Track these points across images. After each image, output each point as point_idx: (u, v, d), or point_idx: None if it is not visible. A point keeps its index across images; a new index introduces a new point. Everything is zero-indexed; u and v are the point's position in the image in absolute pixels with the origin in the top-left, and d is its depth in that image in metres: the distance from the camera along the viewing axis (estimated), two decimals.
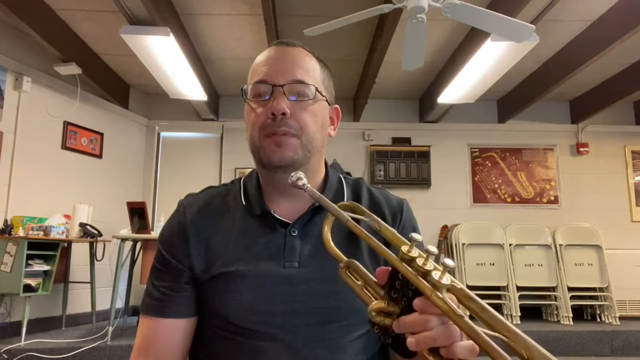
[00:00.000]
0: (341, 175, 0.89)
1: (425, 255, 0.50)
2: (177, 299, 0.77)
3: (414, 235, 0.52)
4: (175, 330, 0.76)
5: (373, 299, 0.55)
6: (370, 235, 0.58)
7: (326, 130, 0.82)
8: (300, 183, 0.65)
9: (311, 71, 0.79)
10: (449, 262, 0.48)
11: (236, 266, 0.74)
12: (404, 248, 0.52)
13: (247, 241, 0.76)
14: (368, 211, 0.61)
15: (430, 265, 0.50)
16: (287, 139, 0.75)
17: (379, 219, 0.59)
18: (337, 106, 0.87)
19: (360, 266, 0.58)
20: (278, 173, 0.77)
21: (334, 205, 0.61)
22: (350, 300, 0.72)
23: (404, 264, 0.51)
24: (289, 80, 0.76)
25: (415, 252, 0.51)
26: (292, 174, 0.66)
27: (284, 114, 0.73)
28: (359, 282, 0.58)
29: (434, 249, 0.50)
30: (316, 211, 0.79)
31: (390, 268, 0.54)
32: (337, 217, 0.60)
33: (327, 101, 0.81)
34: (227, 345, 0.73)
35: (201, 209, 0.82)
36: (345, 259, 0.60)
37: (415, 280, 0.50)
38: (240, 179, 0.87)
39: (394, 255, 0.52)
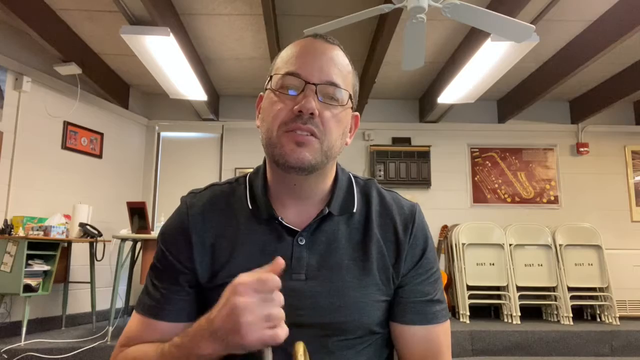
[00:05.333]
0: (351, 175, 0.84)
1: None
2: (175, 301, 0.74)
3: None
4: (167, 334, 0.72)
5: None
6: None
7: (345, 137, 0.77)
8: None
9: (347, 77, 0.74)
10: None
11: None
12: None
13: (253, 249, 0.73)
14: None
15: None
16: (308, 139, 0.69)
17: None
18: (357, 114, 0.82)
19: None
20: (291, 174, 0.72)
21: None
22: (357, 315, 0.71)
23: None
24: (323, 80, 0.70)
25: None
26: None
27: (312, 114, 0.68)
28: None
29: None
30: (325, 218, 0.75)
31: None
32: None
33: (351, 108, 0.77)
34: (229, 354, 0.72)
35: (205, 210, 0.77)
36: None
37: None
38: (245, 176, 0.82)
39: None
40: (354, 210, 0.78)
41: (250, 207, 0.76)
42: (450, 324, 0.80)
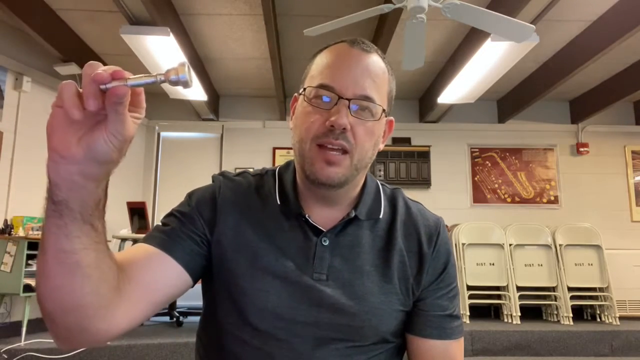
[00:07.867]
0: (379, 183, 0.85)
1: None
2: (185, 244, 0.70)
3: None
4: (171, 274, 0.67)
5: None
6: None
7: (378, 146, 0.77)
8: None
9: (382, 86, 0.73)
10: None
11: (266, 267, 0.71)
12: None
13: (278, 243, 0.73)
14: None
15: None
16: (339, 159, 0.69)
17: None
18: (392, 119, 0.81)
19: None
20: (321, 189, 0.73)
21: None
22: (374, 321, 0.71)
23: None
24: (357, 94, 0.70)
25: None
26: None
27: (344, 129, 0.68)
28: None
29: None
30: (350, 221, 0.76)
31: None
32: None
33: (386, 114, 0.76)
34: (240, 349, 0.71)
35: (236, 194, 0.78)
36: None
37: None
38: (274, 170, 0.83)
39: None
40: (380, 216, 0.78)
41: (278, 201, 0.77)
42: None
